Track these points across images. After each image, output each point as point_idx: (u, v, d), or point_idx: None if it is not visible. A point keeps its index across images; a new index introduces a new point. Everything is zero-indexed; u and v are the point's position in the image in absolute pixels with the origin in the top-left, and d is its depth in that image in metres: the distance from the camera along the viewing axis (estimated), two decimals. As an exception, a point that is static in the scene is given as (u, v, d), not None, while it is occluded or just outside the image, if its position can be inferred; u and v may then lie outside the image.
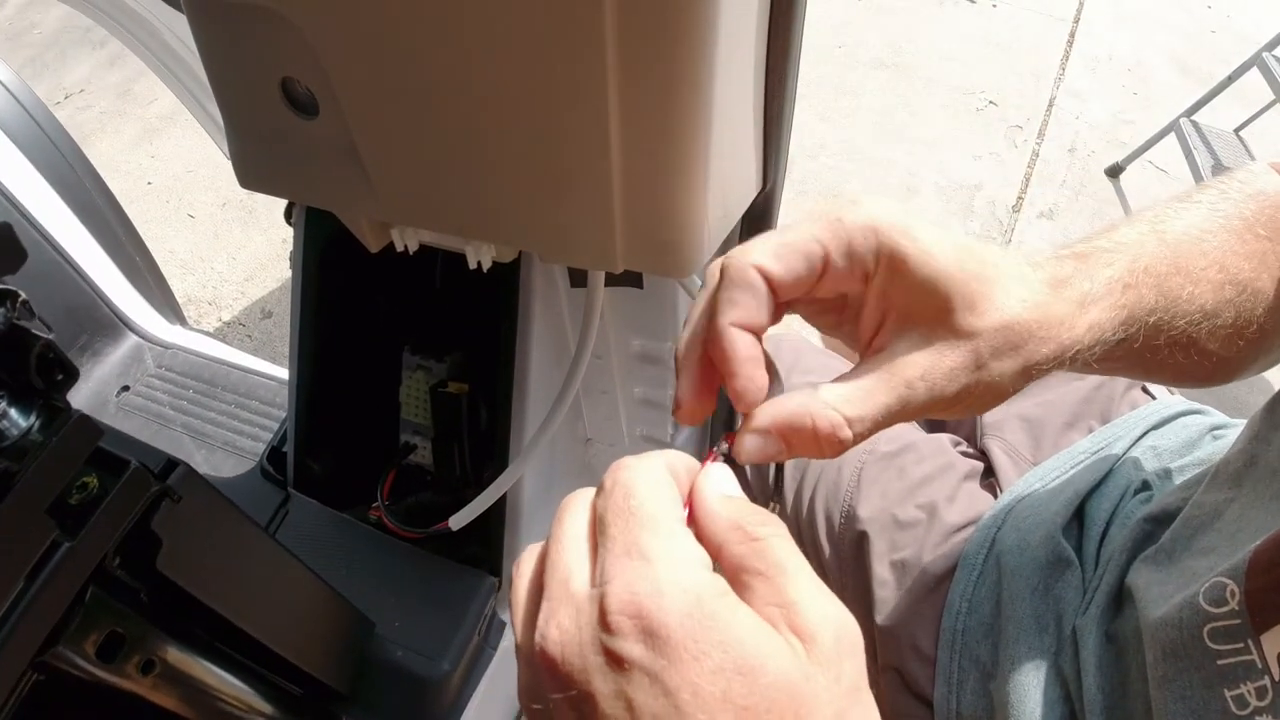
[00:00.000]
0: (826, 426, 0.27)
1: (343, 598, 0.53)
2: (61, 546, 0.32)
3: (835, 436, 0.27)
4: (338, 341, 0.64)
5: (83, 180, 1.07)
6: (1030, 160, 2.00)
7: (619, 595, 0.21)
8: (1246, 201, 0.36)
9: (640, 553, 0.22)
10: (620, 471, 0.24)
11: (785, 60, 0.41)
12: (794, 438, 0.27)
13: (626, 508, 0.23)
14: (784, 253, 0.27)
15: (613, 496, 0.23)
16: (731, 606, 0.21)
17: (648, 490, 0.23)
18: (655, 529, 0.22)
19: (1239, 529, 0.38)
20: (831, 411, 0.27)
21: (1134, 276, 0.31)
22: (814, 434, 0.27)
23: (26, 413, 0.30)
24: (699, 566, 0.22)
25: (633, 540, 0.22)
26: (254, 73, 0.40)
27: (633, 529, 0.22)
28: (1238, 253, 0.35)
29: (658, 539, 0.22)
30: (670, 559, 0.21)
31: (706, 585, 0.21)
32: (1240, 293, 0.35)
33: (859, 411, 0.27)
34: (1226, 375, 0.40)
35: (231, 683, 0.45)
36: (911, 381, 0.27)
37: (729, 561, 0.23)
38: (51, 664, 0.34)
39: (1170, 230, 0.34)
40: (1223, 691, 0.34)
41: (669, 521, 0.23)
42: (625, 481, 0.24)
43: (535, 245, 0.42)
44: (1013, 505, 0.55)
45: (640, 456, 0.25)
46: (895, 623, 0.55)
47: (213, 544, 0.41)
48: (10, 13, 2.53)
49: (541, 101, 0.34)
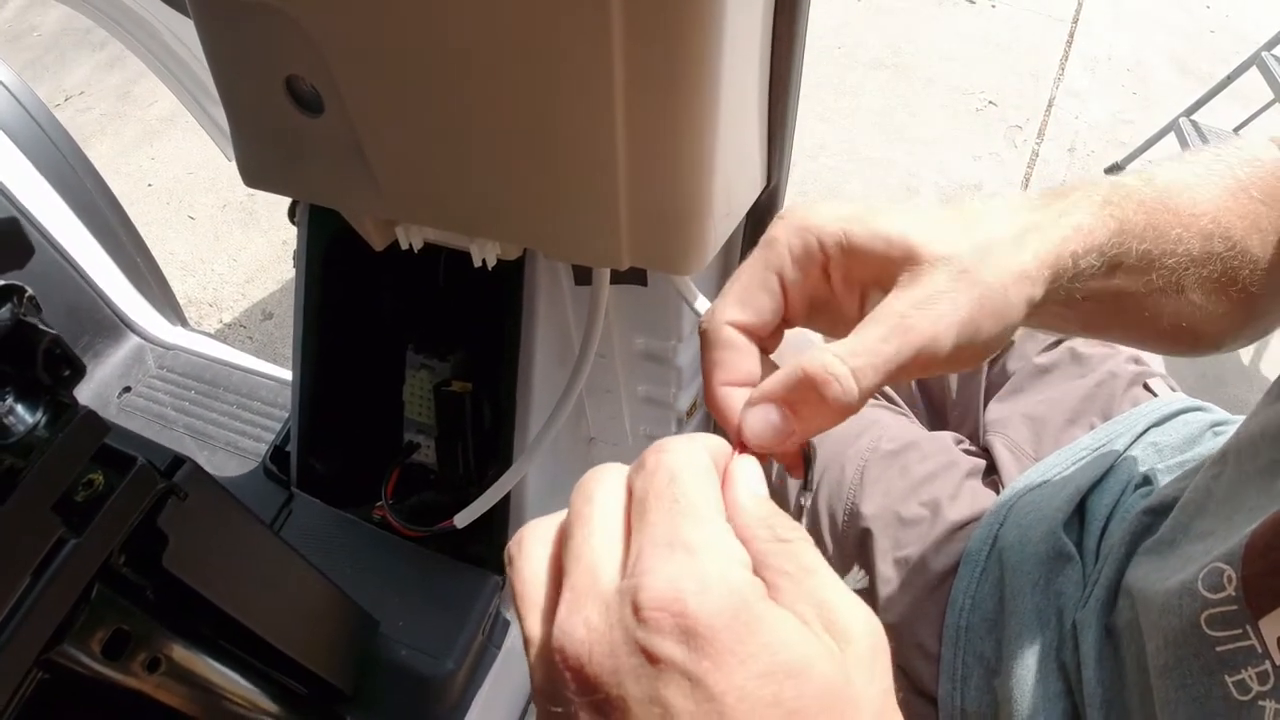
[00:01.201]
0: (819, 370, 0.25)
1: (347, 596, 0.53)
2: (67, 543, 0.32)
3: (829, 376, 0.25)
4: (341, 340, 0.64)
5: (84, 181, 1.07)
6: (1030, 160, 2.01)
7: (659, 589, 0.19)
8: (1241, 165, 0.36)
9: (684, 544, 0.20)
10: (664, 454, 0.22)
11: (789, 58, 0.41)
12: (793, 395, 0.26)
13: (670, 494, 0.21)
14: (745, 296, 0.28)
15: (655, 477, 0.22)
16: (774, 608, 0.20)
17: (693, 477, 0.22)
18: (701, 520, 0.21)
19: (1233, 509, 0.38)
20: (831, 358, 0.25)
21: (1115, 195, 0.31)
22: (808, 380, 0.25)
23: (33, 409, 0.30)
24: (743, 565, 0.21)
25: (674, 528, 0.20)
26: (259, 71, 0.40)
27: (674, 516, 0.21)
28: (1230, 210, 0.35)
29: (703, 531, 0.20)
30: (716, 554, 0.20)
31: (751, 585, 0.20)
32: (1229, 248, 0.35)
33: (852, 349, 0.25)
34: (1215, 341, 0.40)
35: (237, 681, 0.45)
36: (905, 314, 0.26)
37: (757, 559, 0.22)
38: (57, 662, 0.34)
39: (1159, 178, 0.34)
40: (1223, 678, 0.34)
41: (714, 514, 0.21)
42: (670, 465, 0.22)
43: (540, 242, 0.42)
44: (1015, 501, 0.55)
45: (683, 438, 0.23)
46: (899, 620, 0.55)
47: (219, 541, 0.41)
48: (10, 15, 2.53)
49: (547, 98, 0.34)
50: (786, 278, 0.28)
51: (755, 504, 0.23)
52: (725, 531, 0.21)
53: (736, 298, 0.28)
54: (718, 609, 0.19)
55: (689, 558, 0.20)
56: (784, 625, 0.20)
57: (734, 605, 0.19)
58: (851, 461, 0.62)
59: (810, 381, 0.25)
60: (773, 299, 0.28)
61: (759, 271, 0.28)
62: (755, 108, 0.41)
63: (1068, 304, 0.31)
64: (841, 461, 0.63)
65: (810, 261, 0.28)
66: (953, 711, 0.50)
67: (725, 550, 0.20)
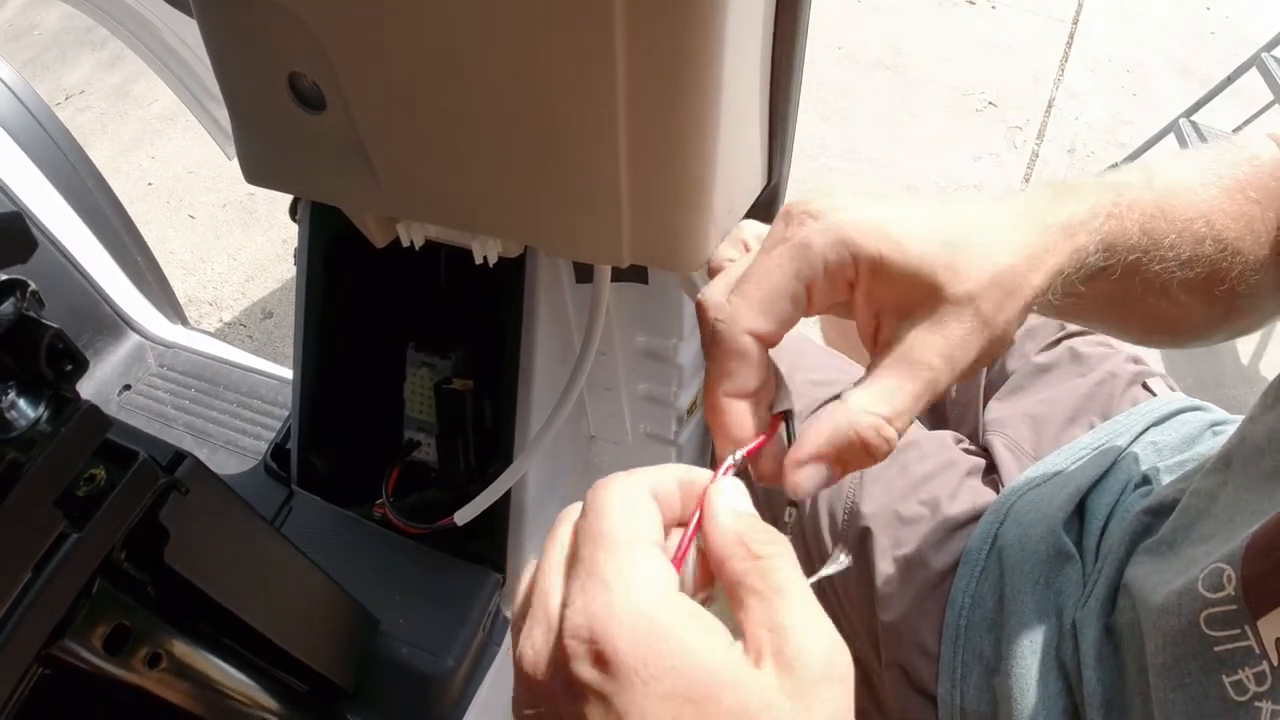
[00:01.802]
0: (872, 435, 0.27)
1: (348, 594, 0.53)
2: (69, 538, 0.32)
3: (882, 440, 0.27)
4: (342, 338, 0.64)
5: (85, 180, 1.07)
6: (1030, 161, 2.01)
7: (574, 619, 0.21)
8: (1241, 164, 0.36)
9: (598, 576, 0.22)
10: (598, 491, 0.24)
11: (790, 54, 0.41)
12: (844, 454, 0.27)
13: (596, 530, 0.23)
14: (768, 306, 0.28)
15: (587, 518, 0.24)
16: (693, 631, 0.21)
17: (619, 512, 0.23)
18: (618, 552, 0.22)
19: (1235, 513, 0.38)
20: (870, 416, 0.27)
21: (1119, 208, 0.31)
22: (862, 444, 0.27)
23: (35, 403, 0.30)
24: (659, 589, 0.22)
25: (593, 563, 0.22)
26: (261, 68, 0.40)
27: (595, 551, 0.22)
28: (1226, 211, 0.35)
29: (618, 561, 0.22)
30: (627, 583, 0.21)
31: (664, 609, 0.21)
32: (1220, 250, 0.35)
33: (894, 408, 0.27)
34: (1194, 334, 0.40)
35: (237, 678, 0.45)
36: (932, 362, 0.27)
37: (729, 577, 0.23)
38: (58, 657, 0.34)
39: (1160, 178, 0.34)
40: (1221, 678, 0.34)
41: (635, 544, 0.23)
42: (599, 502, 0.24)
43: (541, 239, 0.42)
44: (1014, 500, 0.56)
45: (624, 475, 0.25)
46: (899, 619, 0.55)
47: (220, 537, 0.41)
48: (10, 13, 2.53)
49: (550, 95, 0.35)
50: (815, 289, 0.28)
51: (733, 520, 0.24)
52: (646, 559, 0.22)
53: (761, 305, 0.28)
54: (625, 636, 0.20)
55: (602, 589, 0.21)
56: (696, 648, 0.21)
57: (640, 630, 0.20)
58: (851, 460, 0.62)
59: (864, 444, 0.27)
60: (797, 310, 0.28)
61: (788, 280, 0.27)
62: (757, 104, 0.42)
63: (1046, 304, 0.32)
64: (841, 460, 0.63)
65: (842, 277, 0.28)
66: (952, 710, 0.50)
67: (641, 578, 0.22)
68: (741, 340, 0.27)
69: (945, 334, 0.27)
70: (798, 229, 0.28)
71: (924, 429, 0.68)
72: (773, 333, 0.28)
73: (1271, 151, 0.37)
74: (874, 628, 0.56)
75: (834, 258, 0.27)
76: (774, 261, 0.28)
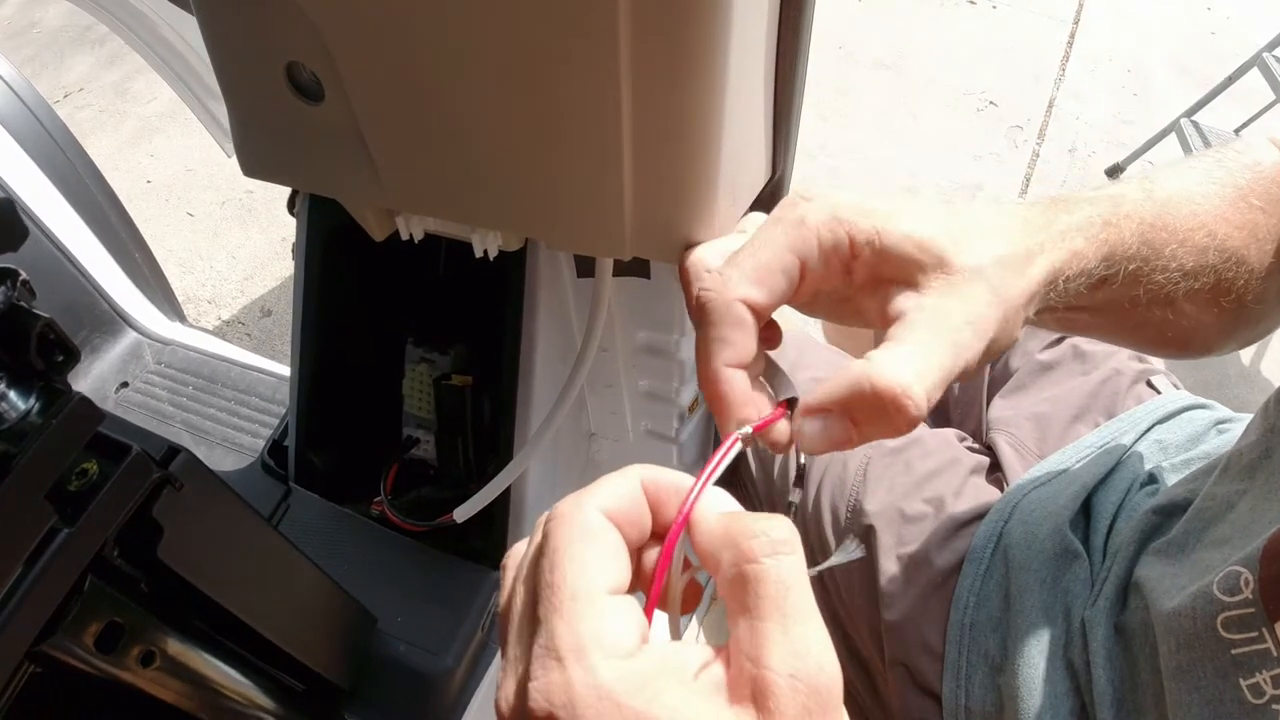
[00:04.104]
0: (890, 392, 0.24)
1: (345, 592, 0.52)
2: (60, 533, 0.31)
3: (900, 401, 0.24)
4: (341, 333, 0.64)
5: (83, 177, 1.07)
6: (1030, 160, 2.01)
7: (534, 697, 0.20)
8: (1242, 171, 0.36)
9: (555, 652, 0.20)
10: (550, 524, 0.23)
11: (795, 46, 0.41)
12: (859, 410, 0.25)
13: (548, 582, 0.21)
14: (763, 276, 0.27)
15: (539, 563, 0.22)
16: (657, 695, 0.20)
17: (570, 558, 0.22)
18: (572, 616, 0.21)
19: (1252, 520, 0.38)
20: (894, 376, 0.24)
21: (1115, 217, 0.31)
22: (878, 400, 0.25)
23: (26, 395, 0.30)
24: (619, 656, 0.20)
25: (550, 632, 0.21)
26: (259, 58, 0.39)
27: (550, 616, 0.21)
28: (1228, 220, 0.35)
29: (574, 629, 0.21)
30: (583, 659, 0.20)
31: (629, 681, 0.20)
32: (1224, 259, 0.34)
33: (919, 370, 0.25)
34: (1204, 346, 0.40)
35: (232, 677, 0.44)
36: (959, 327, 0.26)
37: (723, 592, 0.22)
38: (49, 654, 0.34)
39: (1160, 189, 0.34)
40: (1238, 680, 0.34)
41: (592, 598, 0.21)
42: (551, 544, 0.22)
43: (543, 232, 0.41)
44: (1019, 499, 0.55)
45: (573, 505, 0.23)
46: (903, 617, 0.54)
47: (214, 534, 0.40)
48: (10, 11, 2.52)
49: (553, 87, 0.34)
50: (809, 265, 0.28)
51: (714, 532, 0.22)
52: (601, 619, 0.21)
53: (754, 275, 0.27)
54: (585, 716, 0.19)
55: (560, 670, 0.20)
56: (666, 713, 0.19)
57: (602, 714, 0.19)
58: (854, 458, 0.62)
59: (878, 399, 0.25)
60: (789, 284, 0.28)
61: (782, 253, 0.27)
62: (761, 96, 0.41)
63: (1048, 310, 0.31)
64: (844, 458, 0.62)
65: (836, 255, 0.28)
66: (956, 709, 0.50)
67: (596, 650, 0.20)
68: (735, 308, 0.27)
69: (965, 299, 0.26)
70: (792, 210, 0.28)
71: (927, 427, 0.68)
72: (764, 305, 0.27)
73: (1273, 156, 0.37)
74: (877, 626, 0.56)
75: (828, 235, 0.27)
76: (768, 234, 0.28)
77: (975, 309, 0.26)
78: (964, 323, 0.26)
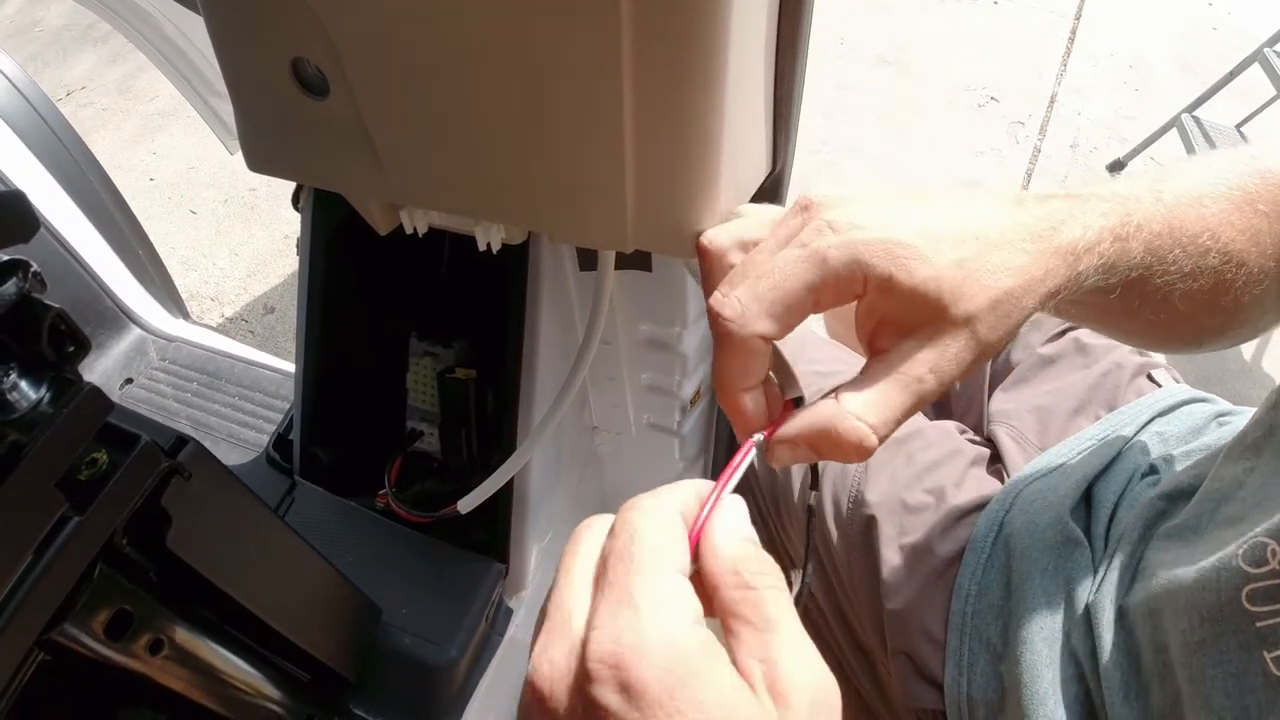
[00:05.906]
0: (853, 437, 0.28)
1: (350, 583, 0.52)
2: (70, 521, 0.32)
3: (861, 445, 0.28)
4: (344, 328, 0.64)
5: (87, 175, 1.07)
6: (1032, 156, 2.01)
7: (602, 644, 0.21)
8: (1252, 176, 0.36)
9: (631, 601, 0.22)
10: (630, 512, 0.25)
11: (795, 39, 0.41)
12: (822, 446, 0.29)
13: (628, 552, 0.23)
14: (779, 313, 0.29)
15: (619, 537, 0.24)
16: (713, 664, 0.21)
17: (652, 537, 0.23)
18: (650, 576, 0.22)
19: (1265, 495, 0.38)
20: (856, 422, 0.28)
21: (1126, 229, 0.32)
22: (840, 442, 0.28)
23: (37, 385, 0.30)
24: (688, 620, 0.22)
25: (626, 587, 0.22)
26: (264, 53, 0.40)
27: (628, 575, 0.22)
28: (1233, 224, 0.35)
29: (650, 587, 0.22)
30: (658, 611, 0.21)
31: (691, 641, 0.21)
32: (1225, 262, 0.35)
33: (881, 416, 0.28)
34: (1196, 341, 0.41)
35: (239, 666, 0.45)
36: (922, 377, 0.28)
37: (722, 605, 0.23)
38: (58, 642, 0.34)
39: (1169, 191, 0.34)
40: (1262, 654, 0.34)
41: (666, 569, 0.23)
42: (632, 524, 0.24)
43: (546, 225, 0.42)
44: (1020, 489, 0.55)
45: (654, 498, 0.25)
46: (904, 607, 0.55)
47: (222, 523, 0.41)
48: (13, 10, 2.53)
49: (555, 78, 0.34)
50: (823, 303, 0.29)
51: (731, 547, 0.24)
52: (676, 587, 0.23)
53: (770, 310, 0.29)
54: (652, 665, 0.20)
55: (634, 615, 0.21)
56: (719, 683, 0.21)
57: (669, 662, 0.21)
58: (856, 450, 0.62)
59: (838, 437, 0.28)
60: (802, 317, 0.30)
61: (800, 292, 0.29)
62: (761, 90, 0.41)
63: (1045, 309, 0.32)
64: (846, 450, 0.63)
65: (849, 292, 0.29)
66: (958, 697, 0.50)
67: (671, 606, 0.22)
68: (754, 341, 0.29)
69: (940, 351, 0.28)
70: (815, 237, 0.29)
71: (928, 418, 0.68)
72: (779, 335, 0.30)
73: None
74: (879, 616, 0.56)
75: (845, 275, 0.29)
76: (789, 269, 0.29)
77: (944, 358, 0.28)
78: (930, 372, 0.28)
